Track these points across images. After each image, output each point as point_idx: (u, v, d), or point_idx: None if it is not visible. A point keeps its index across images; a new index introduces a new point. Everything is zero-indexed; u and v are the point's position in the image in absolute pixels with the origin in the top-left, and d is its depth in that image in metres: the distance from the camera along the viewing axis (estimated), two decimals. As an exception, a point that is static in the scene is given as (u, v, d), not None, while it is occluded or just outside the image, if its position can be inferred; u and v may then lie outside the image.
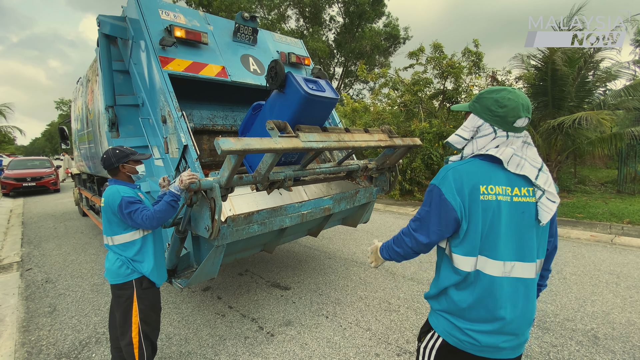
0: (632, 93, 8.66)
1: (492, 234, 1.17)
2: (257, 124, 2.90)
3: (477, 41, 9.68)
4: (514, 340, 1.21)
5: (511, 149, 1.20)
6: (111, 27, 3.27)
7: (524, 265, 1.19)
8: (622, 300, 3.47)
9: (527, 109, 1.21)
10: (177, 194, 2.07)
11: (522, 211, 1.18)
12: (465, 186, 1.18)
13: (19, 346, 2.88)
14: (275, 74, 2.53)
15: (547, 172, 1.21)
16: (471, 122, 1.28)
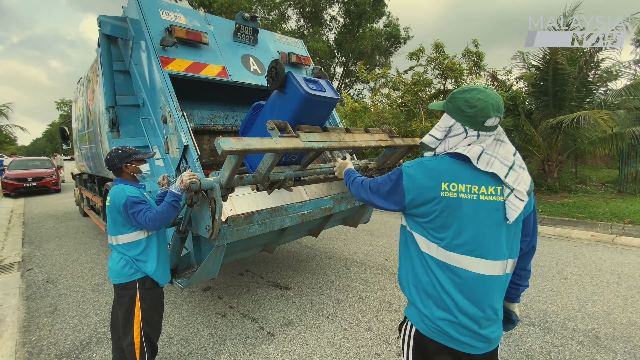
0: (633, 93, 8.65)
1: (451, 229, 1.21)
2: (257, 124, 2.90)
3: (477, 41, 9.67)
4: (474, 335, 1.22)
5: (480, 146, 1.22)
6: (112, 28, 3.27)
7: (486, 263, 1.21)
8: (623, 300, 3.47)
9: (498, 108, 1.22)
10: (178, 194, 2.07)
11: (489, 209, 1.20)
12: (427, 181, 1.23)
13: (19, 346, 2.88)
14: (275, 74, 2.53)
15: (519, 170, 1.21)
16: (444, 121, 1.31)
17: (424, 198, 1.24)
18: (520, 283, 1.38)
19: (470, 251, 1.20)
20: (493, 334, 1.25)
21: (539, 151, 9.37)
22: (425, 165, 1.26)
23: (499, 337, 1.29)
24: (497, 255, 1.21)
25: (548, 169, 9.36)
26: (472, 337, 1.22)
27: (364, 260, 4.73)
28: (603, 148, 8.65)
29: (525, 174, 1.22)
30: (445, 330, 1.23)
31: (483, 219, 1.20)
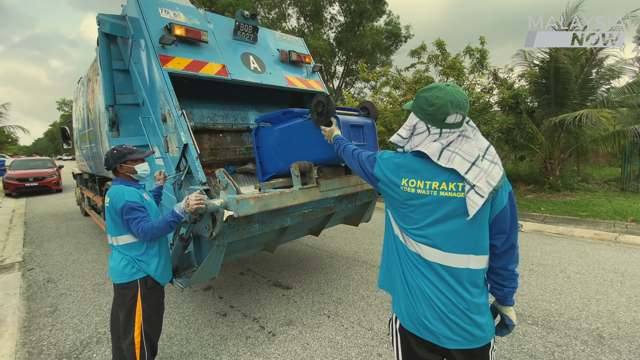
0: (636, 90, 8.60)
1: (408, 222, 1.30)
2: (282, 135, 2.90)
3: (484, 38, 9.57)
4: (444, 327, 1.24)
5: (439, 143, 1.24)
6: (111, 26, 3.25)
7: (442, 254, 1.24)
8: (627, 299, 3.44)
9: (458, 105, 1.22)
10: (179, 216, 2.02)
11: (448, 205, 1.22)
12: (390, 175, 1.35)
13: (20, 346, 2.88)
14: (324, 112, 2.41)
15: (487, 165, 1.21)
16: (410, 120, 1.35)
17: (389, 188, 1.36)
18: (504, 284, 1.33)
19: (430, 244, 1.25)
20: (470, 328, 1.24)
21: (541, 149, 9.33)
22: (390, 160, 1.38)
23: (483, 336, 1.26)
24: (455, 249, 1.23)
25: (550, 167, 9.32)
26: (444, 329, 1.25)
27: (365, 259, 4.71)
28: (605, 146, 8.60)
29: (495, 169, 1.20)
30: (421, 321, 1.29)
31: (443, 215, 1.23)
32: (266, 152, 3.10)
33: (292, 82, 3.83)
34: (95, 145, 5.05)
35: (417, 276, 1.30)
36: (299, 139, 2.73)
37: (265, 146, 3.10)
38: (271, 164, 3.06)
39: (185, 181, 2.84)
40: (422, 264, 1.28)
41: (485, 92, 9.70)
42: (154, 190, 2.59)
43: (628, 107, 9.39)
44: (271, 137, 3.02)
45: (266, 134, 3.09)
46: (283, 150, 2.90)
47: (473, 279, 1.26)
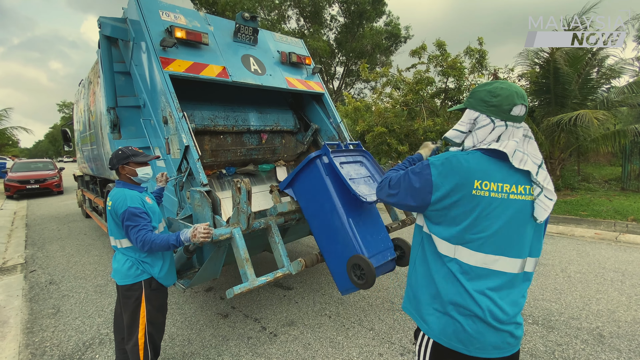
0: (636, 90, 8.60)
1: (477, 228, 1.17)
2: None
3: (482, 39, 9.60)
4: (495, 337, 1.18)
5: (514, 141, 1.18)
6: (112, 29, 3.27)
7: (507, 260, 1.18)
8: (627, 298, 3.44)
9: (522, 96, 1.20)
10: (182, 243, 2.00)
11: (517, 208, 1.17)
12: (458, 177, 1.17)
13: (22, 347, 2.89)
14: (363, 276, 2.23)
15: (545, 169, 1.20)
16: (467, 116, 1.28)
17: (454, 196, 1.17)
18: None
19: (495, 250, 1.17)
20: (516, 333, 1.22)
21: (541, 149, 9.30)
22: (456, 159, 1.19)
23: (521, 337, 1.25)
24: (519, 253, 1.18)
25: (551, 167, 9.32)
26: (497, 338, 1.19)
27: (366, 260, 4.72)
28: (606, 145, 8.60)
29: (547, 173, 1.20)
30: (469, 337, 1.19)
31: (511, 218, 1.17)
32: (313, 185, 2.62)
33: (292, 84, 3.84)
34: (96, 147, 5.07)
35: (470, 290, 1.18)
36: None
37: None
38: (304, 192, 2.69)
39: (186, 182, 2.85)
40: (482, 274, 1.18)
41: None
42: (155, 191, 2.60)
43: (628, 106, 9.39)
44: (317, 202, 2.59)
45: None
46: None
47: (523, 282, 1.23)
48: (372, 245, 2.44)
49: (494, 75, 10.04)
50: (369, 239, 2.46)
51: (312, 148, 4.51)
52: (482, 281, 1.18)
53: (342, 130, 4.07)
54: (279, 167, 4.36)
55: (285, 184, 2.67)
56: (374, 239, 2.50)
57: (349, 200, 2.44)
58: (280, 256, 2.55)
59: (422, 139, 8.45)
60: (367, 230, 2.48)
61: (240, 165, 4.11)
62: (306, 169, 2.51)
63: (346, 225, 2.36)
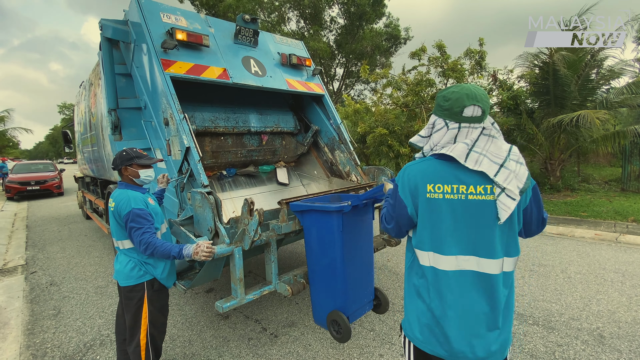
0: (635, 90, 8.61)
1: (438, 231, 1.22)
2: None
3: (482, 40, 9.61)
4: (478, 342, 1.19)
5: (464, 143, 1.20)
6: (113, 31, 3.29)
7: (478, 260, 1.19)
8: (627, 299, 3.44)
9: (474, 97, 1.21)
10: (183, 257, 1.99)
11: (477, 209, 1.18)
12: (413, 184, 1.25)
13: (23, 349, 2.90)
14: (341, 331, 2.38)
15: (514, 166, 1.17)
16: (429, 120, 1.35)
17: (416, 202, 1.25)
18: None
19: (466, 252, 1.20)
20: (499, 337, 1.21)
21: (541, 150, 9.34)
22: (410, 169, 1.29)
23: (505, 345, 1.23)
24: (490, 254, 1.19)
25: (551, 168, 9.33)
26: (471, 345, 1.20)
27: (367, 261, 4.72)
28: (606, 146, 8.60)
29: (522, 169, 1.18)
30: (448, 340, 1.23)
31: (473, 218, 1.19)
32: None
33: (292, 85, 3.86)
34: (97, 149, 5.09)
35: (449, 293, 1.21)
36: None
37: None
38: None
39: (187, 184, 2.86)
40: (456, 278, 1.21)
41: (485, 93, 9.72)
42: (156, 192, 2.61)
43: (628, 107, 9.40)
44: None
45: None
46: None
47: (508, 282, 1.23)
48: (357, 298, 2.55)
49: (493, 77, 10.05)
50: (356, 291, 2.55)
51: (312, 149, 4.52)
52: (457, 284, 1.21)
53: (343, 131, 4.08)
54: (279, 168, 4.37)
55: (298, 209, 2.58)
56: (360, 291, 2.59)
57: (351, 250, 2.45)
58: (271, 273, 2.64)
59: None
60: (357, 281, 2.55)
61: (241, 167, 4.12)
62: (323, 216, 2.42)
63: (339, 281, 2.42)
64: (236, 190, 3.91)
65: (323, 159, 4.40)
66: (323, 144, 4.33)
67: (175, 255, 1.99)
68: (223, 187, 3.86)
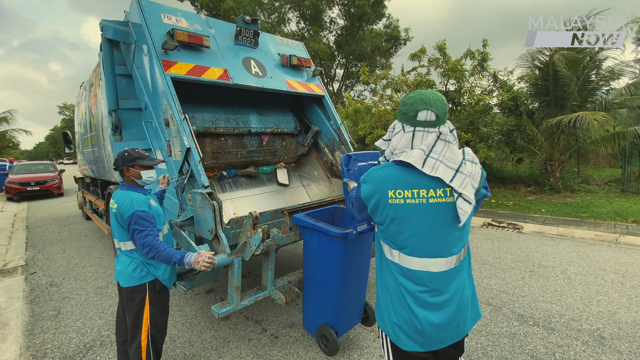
0: (634, 91, 8.62)
1: (403, 234, 1.27)
2: None
3: (486, 41, 9.61)
4: (451, 328, 1.32)
5: (420, 149, 1.25)
6: (114, 32, 3.29)
7: (442, 261, 1.28)
8: (628, 299, 3.45)
9: (427, 102, 1.26)
10: (184, 264, 2.00)
11: (439, 211, 1.24)
12: (375, 190, 1.30)
13: (24, 349, 2.89)
14: (329, 345, 2.57)
15: (466, 170, 1.23)
16: (390, 125, 1.42)
17: (376, 206, 1.32)
18: None
19: (431, 254, 1.26)
20: (467, 318, 1.37)
21: (541, 151, 9.35)
22: (372, 174, 1.34)
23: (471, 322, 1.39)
24: (451, 252, 1.27)
25: (550, 169, 9.34)
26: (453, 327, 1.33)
27: (367, 262, 4.72)
28: (605, 147, 8.61)
29: (476, 169, 1.24)
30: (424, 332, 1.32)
31: (435, 221, 1.24)
32: None
33: (293, 86, 3.86)
34: (97, 149, 5.09)
35: (419, 292, 1.29)
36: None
37: None
38: None
39: (187, 184, 2.86)
40: (424, 277, 1.28)
41: (485, 95, 9.73)
42: (157, 193, 2.61)
43: (628, 108, 9.41)
44: None
45: None
46: None
47: (469, 270, 1.37)
48: (347, 314, 2.60)
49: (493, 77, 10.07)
50: (348, 308, 2.59)
51: (313, 150, 4.52)
52: (427, 283, 1.29)
53: (343, 132, 4.09)
54: (279, 169, 4.38)
55: (301, 224, 2.56)
56: (351, 308, 2.64)
57: (348, 271, 2.46)
58: (267, 280, 2.69)
59: None
60: (349, 299, 2.58)
61: (241, 167, 4.12)
62: (325, 238, 2.41)
63: (332, 300, 2.45)
64: (236, 191, 3.91)
65: (323, 159, 4.41)
66: (323, 144, 4.34)
67: (177, 262, 1.99)
68: (223, 187, 3.86)
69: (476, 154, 8.72)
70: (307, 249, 2.60)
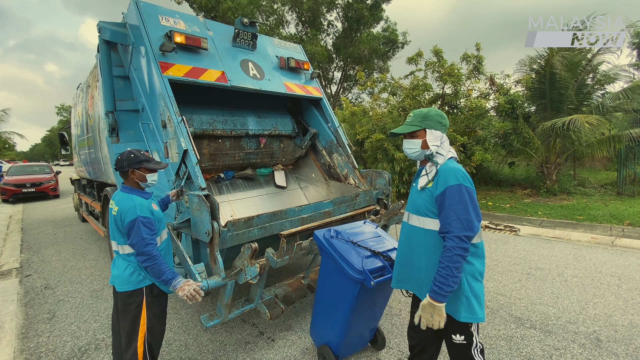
0: (630, 95, 8.71)
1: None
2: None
3: (479, 45, 9.69)
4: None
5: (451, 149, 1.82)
6: (112, 34, 3.29)
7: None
8: (624, 302, 3.46)
9: (444, 117, 1.84)
10: (170, 286, 1.98)
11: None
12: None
13: (17, 353, 2.86)
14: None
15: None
16: (438, 136, 1.78)
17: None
18: None
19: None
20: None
21: (537, 154, 9.40)
22: (463, 172, 1.67)
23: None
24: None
25: (547, 172, 9.39)
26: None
27: (364, 264, 4.71)
28: (601, 150, 8.68)
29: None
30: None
31: None
32: None
33: (290, 88, 3.87)
34: (94, 151, 5.06)
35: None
36: None
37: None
38: None
39: (184, 187, 2.85)
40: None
41: (482, 98, 9.78)
42: (164, 199, 2.58)
43: (623, 111, 9.49)
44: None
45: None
46: None
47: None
48: (354, 339, 2.50)
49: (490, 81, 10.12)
50: (355, 335, 2.47)
51: (310, 152, 4.52)
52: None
53: (340, 134, 4.09)
54: (277, 171, 4.37)
55: (320, 244, 2.38)
56: (360, 334, 2.52)
57: (361, 309, 2.30)
58: (254, 295, 2.68)
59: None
60: (358, 331, 2.46)
61: (239, 169, 4.12)
62: (342, 273, 2.21)
63: (339, 328, 2.32)
64: (234, 193, 3.90)
65: (321, 162, 4.41)
66: (321, 147, 4.34)
67: (164, 281, 1.96)
68: (220, 189, 3.85)
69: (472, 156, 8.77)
70: (323, 268, 2.43)
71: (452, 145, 8.62)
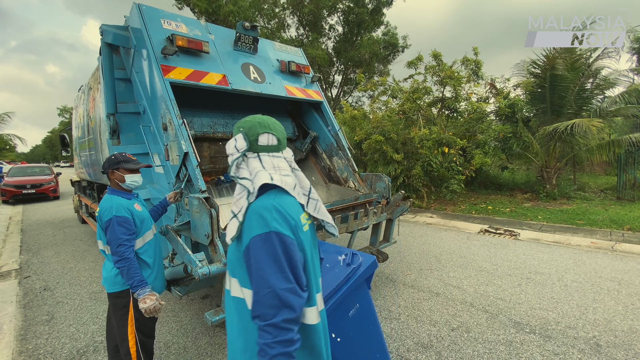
0: (629, 100, 8.74)
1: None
2: None
3: (477, 49, 9.75)
4: None
5: (291, 177, 1.22)
6: (114, 36, 3.31)
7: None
8: (624, 307, 3.45)
9: (267, 126, 1.21)
10: (134, 291, 1.97)
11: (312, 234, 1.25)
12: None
13: (16, 355, 2.85)
14: None
15: (315, 197, 1.28)
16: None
17: None
18: None
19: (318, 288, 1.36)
20: None
21: (537, 158, 9.41)
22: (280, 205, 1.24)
23: None
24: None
25: (547, 176, 9.40)
26: None
27: (364, 268, 4.71)
28: (601, 155, 8.69)
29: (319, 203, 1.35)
30: None
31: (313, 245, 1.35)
32: None
33: (291, 92, 3.89)
34: (95, 153, 5.07)
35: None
36: None
37: None
38: None
39: (185, 189, 2.86)
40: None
41: (482, 102, 9.82)
42: (161, 202, 2.58)
43: (623, 116, 9.52)
44: None
45: None
46: None
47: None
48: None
49: (490, 84, 10.17)
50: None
51: (311, 155, 4.54)
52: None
53: (341, 138, 4.11)
54: (277, 174, 4.38)
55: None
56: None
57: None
58: None
59: (419, 147, 8.52)
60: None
61: (239, 172, 4.12)
62: None
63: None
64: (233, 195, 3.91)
65: (321, 165, 4.42)
66: (321, 150, 4.35)
67: (130, 286, 1.97)
68: (220, 192, 3.86)
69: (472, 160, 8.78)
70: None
71: (452, 149, 8.73)
